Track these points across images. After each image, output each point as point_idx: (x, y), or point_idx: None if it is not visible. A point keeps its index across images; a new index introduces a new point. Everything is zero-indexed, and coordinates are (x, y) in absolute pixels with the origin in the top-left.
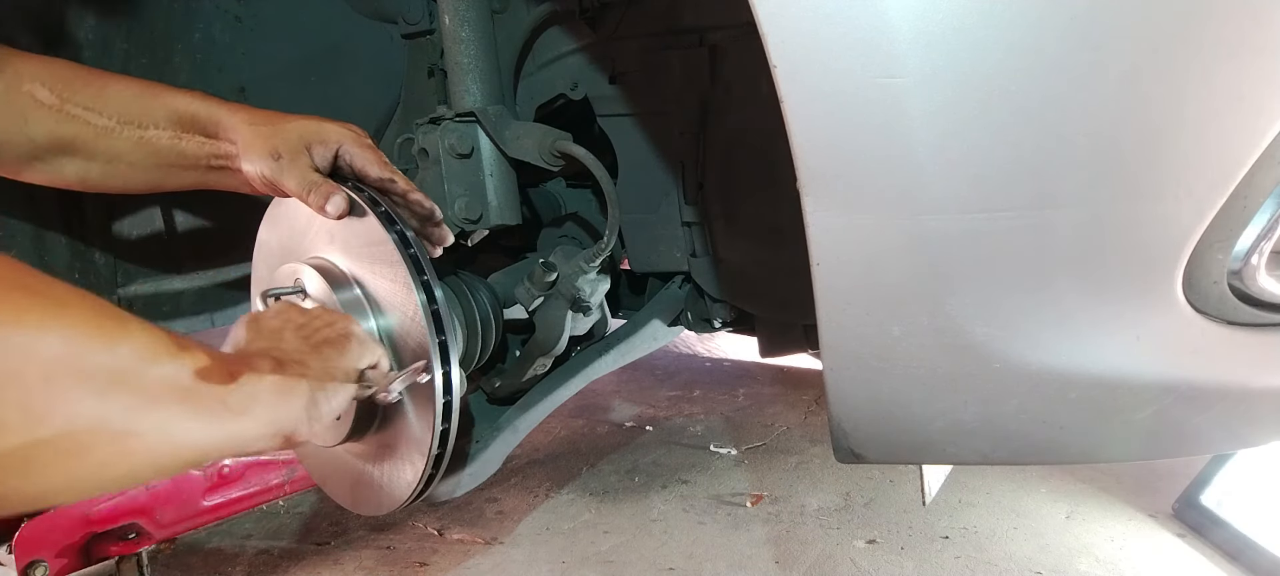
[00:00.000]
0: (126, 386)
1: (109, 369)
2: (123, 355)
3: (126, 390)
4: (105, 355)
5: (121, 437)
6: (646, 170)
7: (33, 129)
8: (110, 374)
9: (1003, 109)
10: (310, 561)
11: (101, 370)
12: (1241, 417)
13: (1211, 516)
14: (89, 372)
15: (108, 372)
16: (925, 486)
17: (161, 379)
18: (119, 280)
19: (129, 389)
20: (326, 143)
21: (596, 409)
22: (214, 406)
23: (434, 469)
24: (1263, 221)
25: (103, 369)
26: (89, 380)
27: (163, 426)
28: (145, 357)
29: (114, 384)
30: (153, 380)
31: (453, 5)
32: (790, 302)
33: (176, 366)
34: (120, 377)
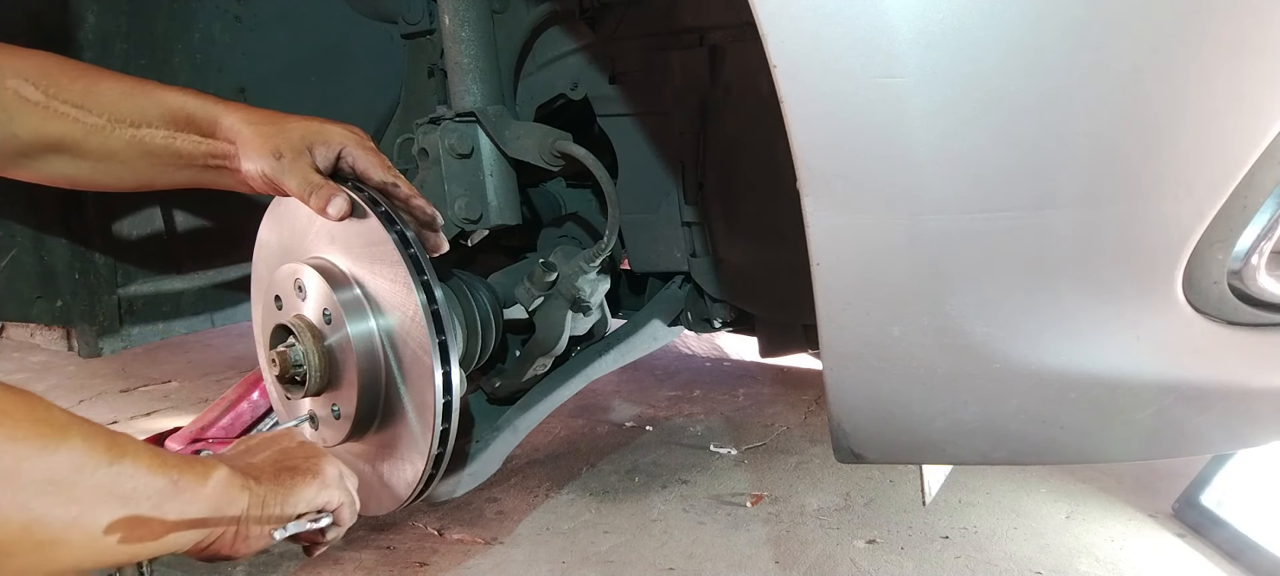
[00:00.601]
0: (59, 494)
1: (43, 476)
2: (58, 463)
3: (60, 498)
4: (38, 461)
5: (46, 546)
6: (646, 170)
7: (17, 126)
8: (43, 481)
9: (1003, 109)
10: (310, 561)
11: (33, 477)
12: (1241, 417)
13: (1211, 516)
14: (17, 479)
15: (40, 480)
16: (925, 486)
17: (96, 488)
18: (119, 280)
19: (63, 497)
20: (329, 144)
21: (596, 409)
22: (149, 513)
23: (434, 469)
24: (1263, 221)
25: (35, 475)
26: (17, 488)
27: (91, 536)
28: (84, 466)
29: (46, 491)
30: (87, 489)
31: (453, 5)
32: (790, 302)
33: (114, 475)
34: (53, 486)
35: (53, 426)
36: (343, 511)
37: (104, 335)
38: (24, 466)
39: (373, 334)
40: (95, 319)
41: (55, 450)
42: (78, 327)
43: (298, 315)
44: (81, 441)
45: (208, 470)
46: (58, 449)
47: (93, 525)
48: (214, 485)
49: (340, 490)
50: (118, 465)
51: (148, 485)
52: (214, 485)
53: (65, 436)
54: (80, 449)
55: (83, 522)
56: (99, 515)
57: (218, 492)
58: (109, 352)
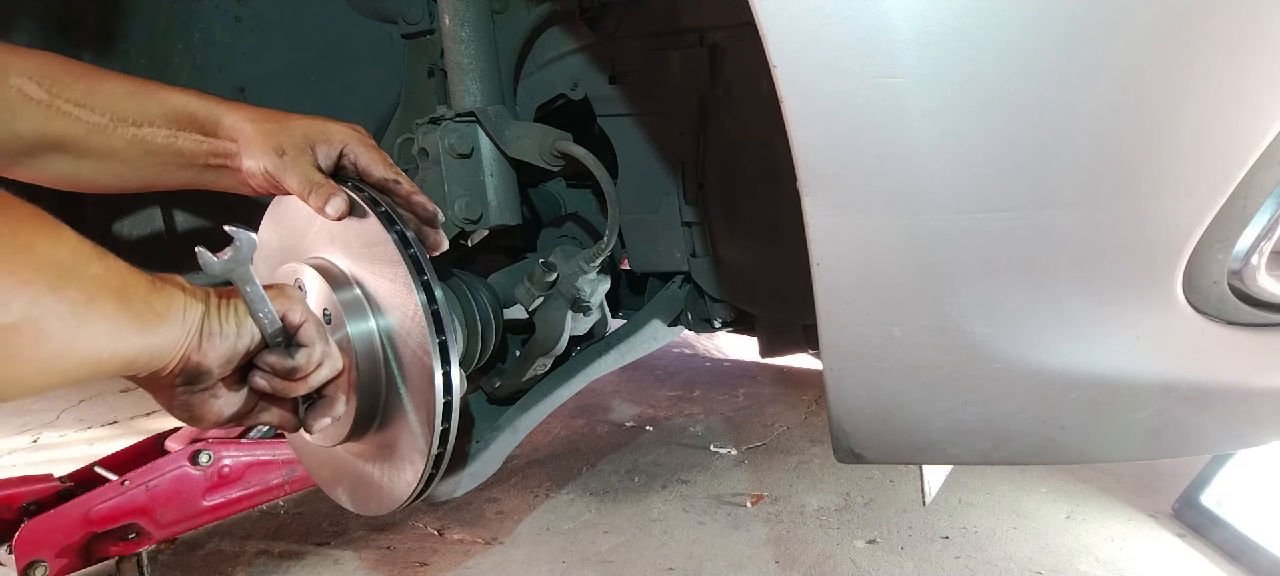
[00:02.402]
0: (72, 279)
1: (56, 262)
2: (63, 251)
3: (73, 283)
4: (51, 248)
5: (69, 331)
6: (646, 170)
7: (20, 125)
8: (57, 266)
9: (1003, 109)
10: (310, 561)
11: (49, 262)
12: (1241, 417)
13: (1211, 516)
14: (40, 264)
15: (55, 265)
16: (925, 486)
17: (96, 276)
18: None
19: (75, 282)
20: (330, 142)
21: (596, 409)
22: (140, 306)
23: (434, 469)
24: (1263, 221)
25: (50, 261)
26: (41, 271)
27: (103, 324)
28: (81, 255)
29: (62, 276)
30: (90, 277)
31: (453, 5)
32: (790, 302)
33: (106, 267)
34: (65, 271)
35: (48, 221)
36: (309, 328)
37: None
38: (39, 252)
39: (373, 334)
40: None
41: (59, 240)
42: None
43: None
44: (73, 235)
45: (169, 277)
46: (60, 240)
47: (102, 317)
48: (177, 283)
49: (302, 307)
50: (106, 260)
51: (136, 282)
52: (177, 283)
53: (61, 231)
54: (74, 242)
55: (94, 310)
56: (103, 304)
57: (184, 293)
58: None
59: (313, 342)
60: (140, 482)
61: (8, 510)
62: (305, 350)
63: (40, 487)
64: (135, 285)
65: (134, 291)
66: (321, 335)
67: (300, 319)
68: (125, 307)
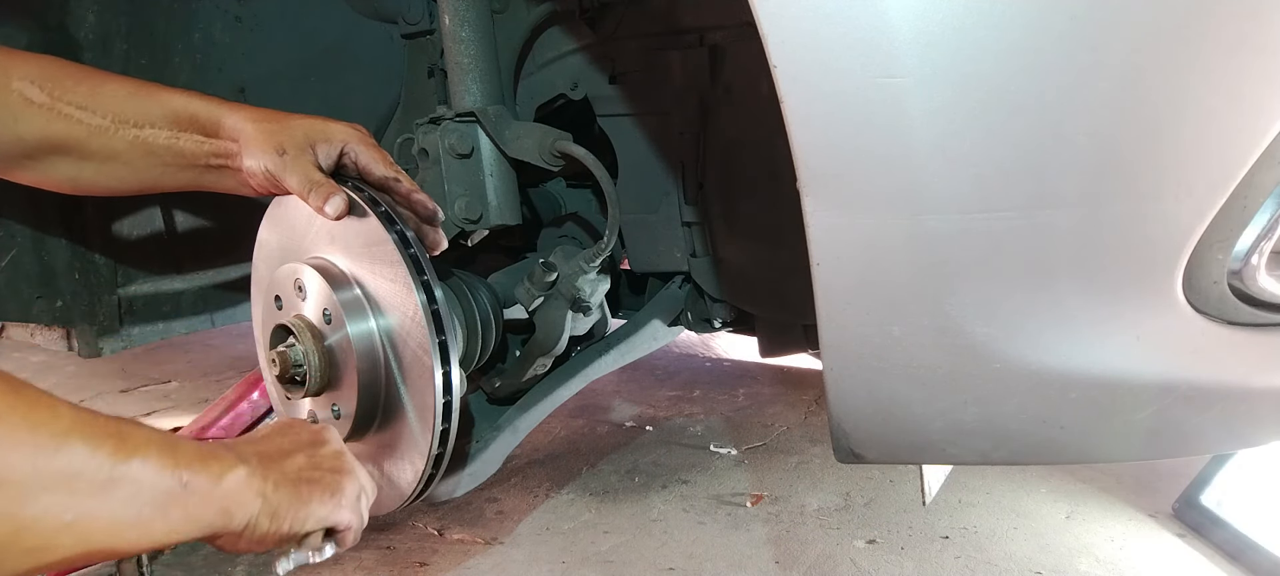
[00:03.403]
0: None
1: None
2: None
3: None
4: (114, 459)
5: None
6: (646, 170)
7: (23, 128)
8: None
9: (1003, 109)
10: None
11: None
12: (1242, 417)
13: (1211, 516)
14: (19, 486)
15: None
16: (925, 486)
17: (161, 481)
18: (119, 280)
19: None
20: (331, 141)
21: (596, 409)
22: (205, 496)
23: (434, 469)
24: (1263, 221)
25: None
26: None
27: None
28: (84, 471)
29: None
30: (154, 482)
31: (453, 5)
32: (790, 302)
33: (177, 472)
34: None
35: (52, 431)
36: (349, 535)
37: (104, 335)
38: (19, 474)
39: (373, 334)
40: (95, 319)
41: (54, 455)
42: (78, 327)
43: (298, 315)
44: (83, 444)
45: (225, 468)
46: (57, 453)
47: (89, 530)
48: (227, 487)
49: (354, 513)
50: (123, 467)
51: (153, 487)
52: (227, 487)
53: (66, 440)
54: (81, 453)
55: (78, 527)
56: (97, 519)
57: (230, 496)
58: (109, 353)
59: (347, 544)
60: None
61: None
62: (335, 549)
63: None
64: (151, 494)
65: (145, 499)
66: (359, 533)
67: (346, 525)
68: (130, 516)
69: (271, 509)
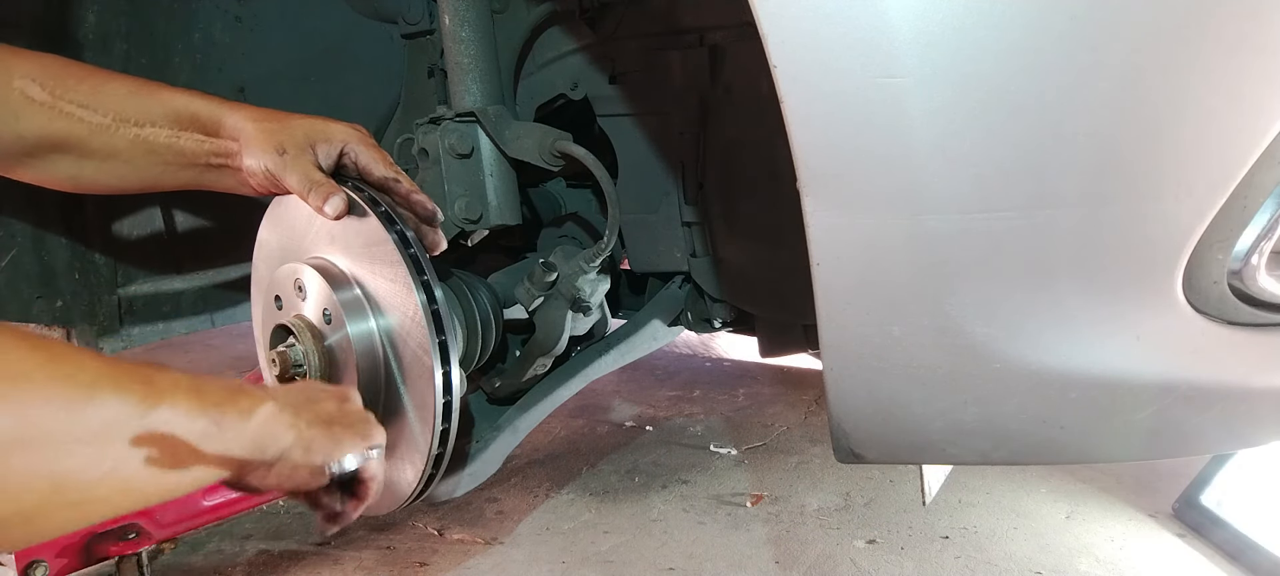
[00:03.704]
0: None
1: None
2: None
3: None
4: (143, 406)
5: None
6: (646, 170)
7: (24, 126)
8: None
9: (1003, 109)
10: (310, 561)
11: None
12: (1242, 417)
13: (1211, 516)
14: (54, 443)
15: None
16: (925, 486)
17: (193, 422)
18: (119, 280)
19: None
20: (331, 141)
21: (596, 409)
22: (237, 431)
23: (434, 469)
24: (1263, 221)
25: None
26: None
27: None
28: (116, 420)
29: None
30: (186, 424)
31: (453, 5)
32: (790, 302)
33: (207, 412)
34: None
35: (80, 383)
36: (371, 486)
37: (104, 335)
38: (51, 430)
39: (373, 334)
40: (95, 319)
41: (84, 407)
42: (78, 328)
43: (298, 315)
44: (113, 393)
45: (254, 403)
46: (87, 406)
47: (128, 475)
48: (258, 420)
49: (379, 464)
50: (154, 414)
51: (187, 429)
52: (258, 420)
53: (94, 391)
54: (112, 402)
55: (118, 475)
56: (134, 465)
57: (261, 429)
58: (109, 353)
59: (366, 498)
60: None
61: None
62: (354, 504)
63: None
64: (186, 434)
65: (180, 440)
66: (376, 491)
67: (373, 475)
68: (166, 459)
69: (305, 442)
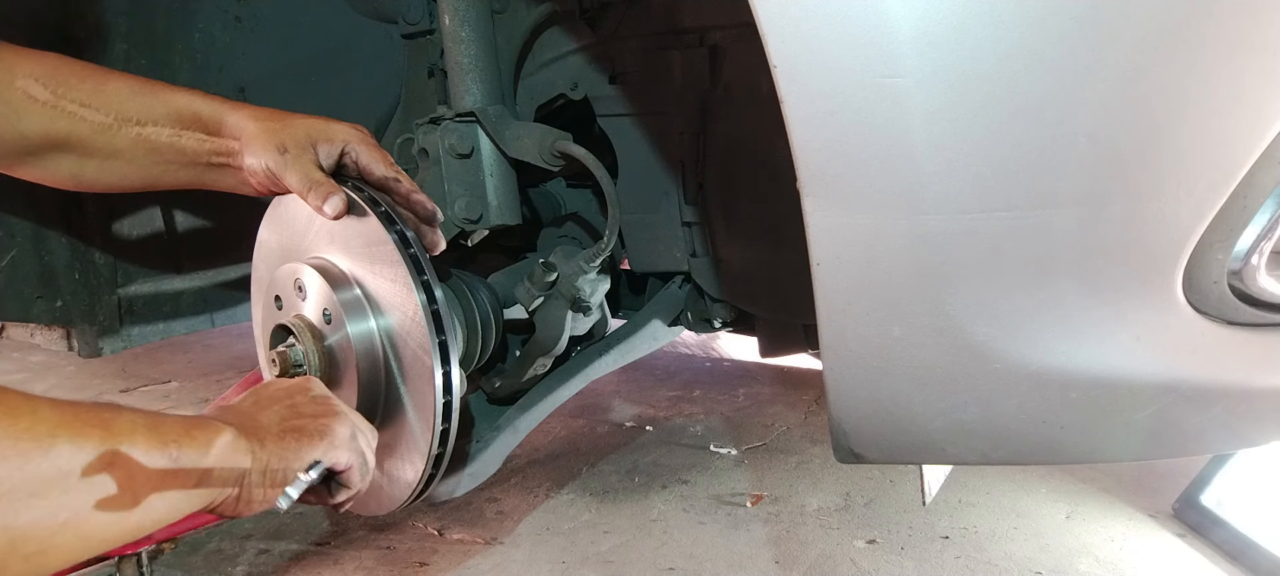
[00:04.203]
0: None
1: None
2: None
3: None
4: (101, 451)
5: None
6: (646, 170)
7: (26, 126)
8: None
9: (1003, 109)
10: (310, 561)
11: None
12: (1242, 417)
13: (1211, 516)
14: (7, 496)
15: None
16: (925, 486)
17: (151, 462)
18: (119, 280)
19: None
20: (332, 141)
21: (596, 409)
22: (197, 468)
23: (434, 469)
24: (1263, 221)
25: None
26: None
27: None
28: (73, 469)
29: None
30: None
31: (453, 5)
32: (790, 302)
33: (165, 450)
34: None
35: (34, 435)
36: (352, 474)
37: (104, 335)
38: (6, 483)
39: (373, 334)
40: (95, 319)
41: (41, 459)
42: (78, 328)
43: (298, 315)
44: (68, 442)
45: (210, 437)
46: (44, 457)
47: (86, 525)
48: (216, 454)
49: (350, 451)
50: (115, 452)
51: (145, 469)
52: (216, 454)
53: (51, 442)
54: (67, 451)
55: (74, 525)
56: (92, 513)
57: (219, 461)
58: (109, 353)
59: (354, 485)
60: None
61: None
62: (346, 492)
63: None
64: (144, 477)
65: (139, 483)
66: (364, 472)
67: (346, 465)
68: (125, 504)
69: (262, 465)
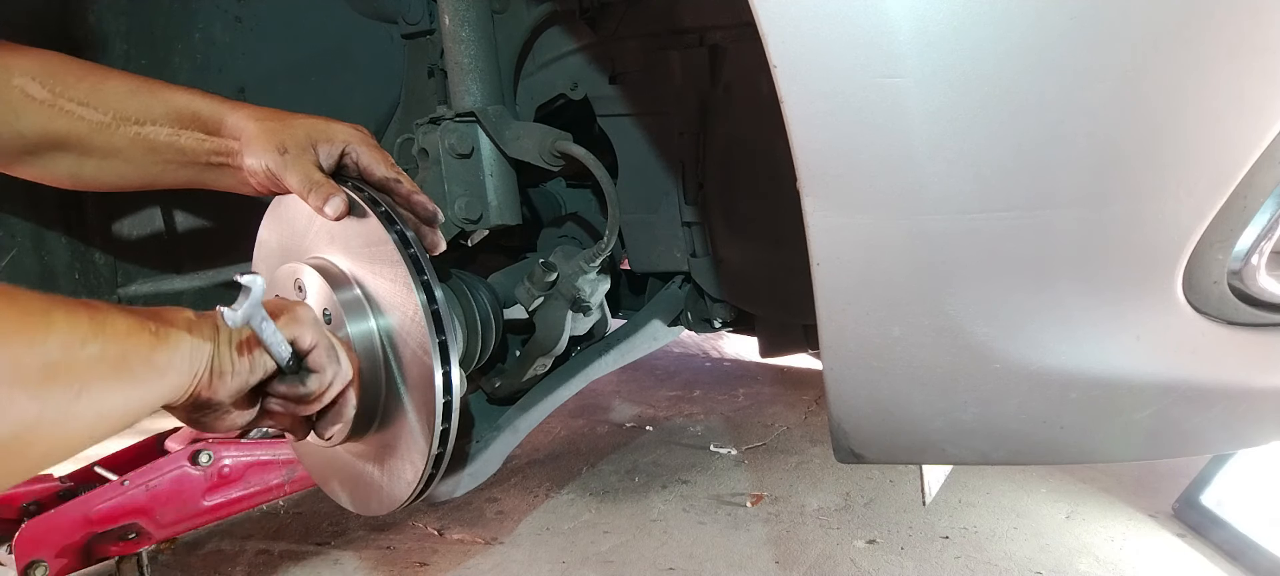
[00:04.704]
0: (60, 377)
1: (41, 365)
2: (51, 348)
3: (61, 381)
4: (33, 352)
5: (61, 425)
6: (646, 170)
7: (24, 125)
8: (43, 369)
9: (1003, 108)
10: (310, 561)
11: (33, 368)
12: (1242, 417)
13: (1211, 516)
14: (22, 375)
15: (40, 369)
16: (925, 486)
17: (91, 359)
18: (119, 280)
19: (63, 379)
20: (333, 141)
21: (596, 409)
22: (142, 370)
23: (434, 469)
24: (1263, 221)
25: (34, 367)
26: (23, 382)
27: (98, 404)
28: (72, 343)
29: (48, 378)
30: (83, 363)
31: (453, 5)
32: (790, 302)
33: (103, 343)
34: (52, 370)
35: (38, 310)
36: (319, 353)
37: None
38: (22, 362)
39: (373, 334)
40: None
41: (46, 338)
42: None
43: None
44: (65, 320)
45: (176, 313)
46: (48, 336)
47: (100, 397)
48: (185, 323)
49: (313, 330)
50: (104, 333)
51: (136, 344)
52: (185, 323)
53: (50, 322)
54: (65, 329)
55: (86, 398)
56: (105, 385)
57: (193, 331)
58: None
59: (323, 367)
60: (140, 482)
61: (8, 509)
62: (317, 376)
63: (40, 487)
64: (135, 348)
65: (134, 357)
66: (332, 357)
67: (311, 343)
68: (125, 377)
69: (226, 335)
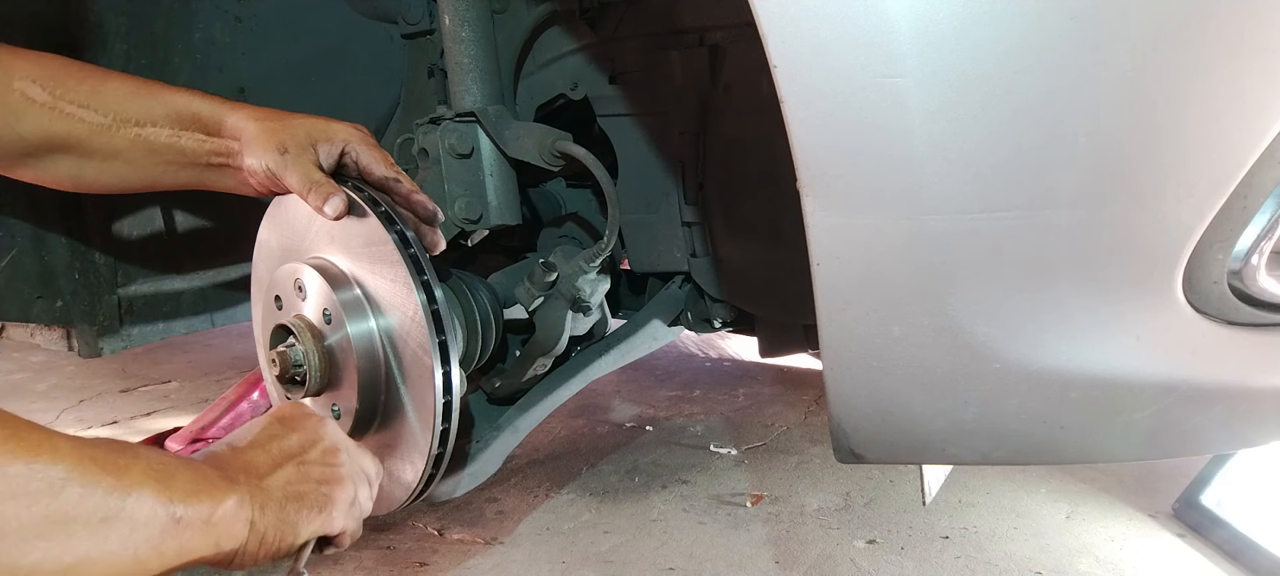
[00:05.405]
0: (128, 529)
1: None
2: (131, 502)
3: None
4: (109, 500)
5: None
6: (646, 170)
7: (24, 127)
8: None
9: (1003, 108)
10: (310, 561)
11: (97, 513)
12: (1242, 417)
13: (1211, 516)
14: (88, 516)
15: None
16: (925, 486)
17: (156, 518)
18: (119, 280)
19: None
20: (333, 141)
21: (596, 409)
22: (198, 529)
23: (434, 469)
24: (1263, 221)
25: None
26: (87, 523)
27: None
28: (84, 504)
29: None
30: (149, 519)
31: (453, 5)
32: (790, 302)
33: (171, 508)
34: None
35: (48, 479)
36: (344, 537)
37: (104, 335)
38: (17, 522)
39: (373, 334)
40: (95, 319)
41: (50, 502)
42: (78, 327)
43: (298, 315)
44: (80, 486)
45: (216, 501)
46: (52, 500)
47: (87, 570)
48: (219, 518)
49: (347, 518)
50: (120, 504)
51: (149, 523)
52: (219, 518)
53: (63, 485)
54: (76, 495)
55: (76, 570)
56: (94, 560)
57: (220, 527)
58: (109, 352)
59: (343, 545)
60: None
61: None
62: (333, 549)
63: None
64: (146, 531)
65: (141, 537)
66: (354, 536)
67: (339, 531)
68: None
69: (259, 534)
